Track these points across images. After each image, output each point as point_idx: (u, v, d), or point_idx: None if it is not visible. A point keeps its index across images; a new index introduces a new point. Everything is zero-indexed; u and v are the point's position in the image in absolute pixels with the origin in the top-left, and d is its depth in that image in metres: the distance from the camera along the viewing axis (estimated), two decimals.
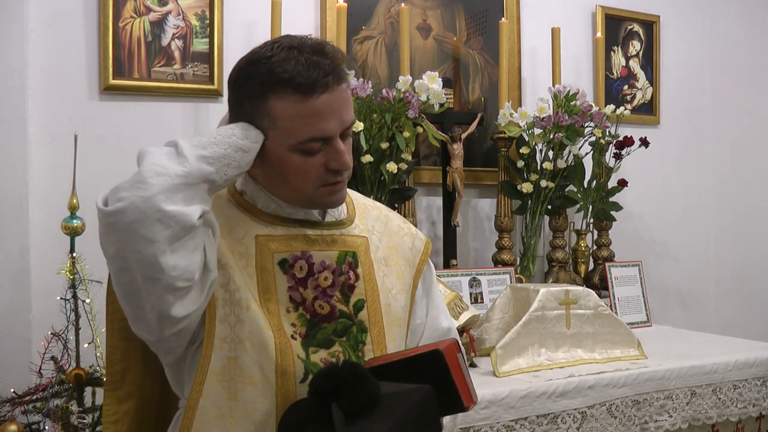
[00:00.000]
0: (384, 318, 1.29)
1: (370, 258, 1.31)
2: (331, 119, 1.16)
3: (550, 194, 2.86)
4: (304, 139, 1.16)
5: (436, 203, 2.90)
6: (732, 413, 2.29)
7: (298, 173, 1.19)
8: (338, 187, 1.23)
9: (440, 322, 1.43)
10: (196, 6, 2.48)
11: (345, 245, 1.28)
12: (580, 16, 3.30)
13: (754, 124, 3.60)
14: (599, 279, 3.01)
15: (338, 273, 1.25)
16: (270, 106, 1.16)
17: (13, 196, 2.18)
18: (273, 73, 1.15)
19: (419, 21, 2.90)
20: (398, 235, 1.39)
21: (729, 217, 3.66)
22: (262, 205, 1.26)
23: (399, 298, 1.33)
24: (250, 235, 1.23)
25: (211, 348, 1.16)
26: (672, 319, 3.38)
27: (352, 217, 1.34)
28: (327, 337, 1.22)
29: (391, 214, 1.44)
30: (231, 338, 1.17)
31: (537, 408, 1.93)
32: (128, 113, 2.36)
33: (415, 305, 1.39)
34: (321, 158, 1.18)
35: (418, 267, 1.40)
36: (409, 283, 1.37)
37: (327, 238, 1.27)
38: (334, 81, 1.16)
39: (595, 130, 2.89)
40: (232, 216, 1.25)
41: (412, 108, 2.47)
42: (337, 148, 1.18)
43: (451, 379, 1.12)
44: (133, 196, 1.03)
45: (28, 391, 1.92)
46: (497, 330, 2.30)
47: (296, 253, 1.23)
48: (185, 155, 1.08)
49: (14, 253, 2.16)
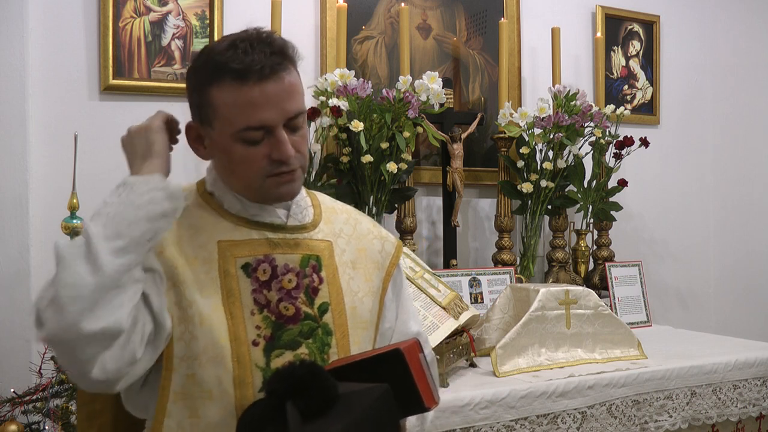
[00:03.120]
0: (349, 321, 1.28)
1: (335, 262, 1.31)
2: (269, 108, 1.16)
3: (550, 194, 2.86)
4: (241, 127, 1.16)
5: (436, 203, 2.90)
6: (732, 413, 2.29)
7: (243, 163, 1.19)
8: (285, 179, 1.22)
9: (409, 326, 1.43)
10: (196, 6, 2.48)
11: (308, 249, 1.28)
12: (580, 16, 3.30)
13: (754, 124, 3.60)
14: (599, 279, 3.01)
15: (302, 276, 1.25)
16: (212, 96, 1.18)
17: (13, 196, 2.18)
18: (212, 61, 1.17)
19: (419, 21, 2.90)
20: (367, 238, 1.39)
21: (729, 217, 3.66)
22: (228, 205, 1.26)
23: (366, 301, 1.33)
24: (212, 240, 1.23)
25: (171, 368, 1.16)
26: (672, 319, 3.38)
27: (317, 221, 1.33)
28: (293, 339, 1.22)
29: (361, 217, 1.44)
30: (188, 356, 1.16)
31: (537, 408, 1.93)
32: (128, 113, 2.36)
33: (385, 309, 1.39)
34: (264, 148, 1.19)
35: (387, 270, 1.40)
36: (378, 286, 1.37)
37: (290, 242, 1.27)
38: (271, 69, 1.16)
39: (595, 130, 2.89)
40: (196, 222, 1.24)
41: (412, 108, 2.47)
42: (278, 138, 1.18)
43: (411, 379, 1.11)
44: (53, 323, 1.03)
45: (28, 391, 1.92)
46: (497, 330, 2.30)
47: (259, 256, 1.23)
48: (98, 259, 1.04)
49: (14, 253, 2.16)
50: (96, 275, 1.03)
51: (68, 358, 1.06)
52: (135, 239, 1.08)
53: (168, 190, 1.13)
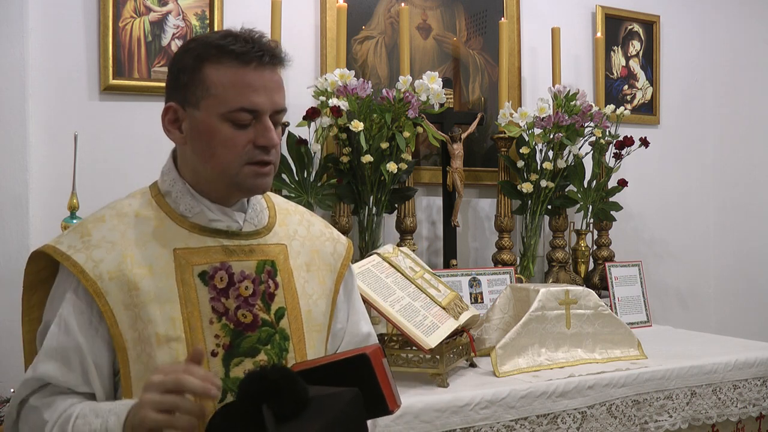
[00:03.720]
0: (304, 325, 1.30)
1: (290, 265, 1.31)
2: (263, 94, 1.20)
3: (550, 194, 2.86)
4: (235, 107, 1.18)
5: (436, 203, 2.90)
6: (732, 413, 2.29)
7: (226, 145, 1.20)
8: (263, 171, 1.23)
9: (360, 327, 1.44)
10: (196, 6, 2.48)
11: (263, 254, 1.28)
12: (580, 16, 3.30)
13: (754, 124, 3.60)
14: (599, 279, 3.01)
15: (258, 282, 1.26)
16: (205, 74, 1.19)
17: (13, 196, 2.18)
18: (211, 44, 1.21)
19: (419, 21, 2.90)
20: (320, 240, 1.40)
21: (729, 217, 3.66)
22: (185, 208, 1.26)
23: (320, 304, 1.34)
24: (168, 248, 1.22)
25: (131, 391, 1.16)
26: (672, 319, 3.38)
27: (272, 224, 1.34)
28: (252, 346, 1.22)
29: (313, 218, 1.45)
30: (146, 376, 1.13)
31: (537, 408, 1.93)
32: (128, 113, 2.36)
33: (337, 310, 1.40)
34: (250, 133, 1.20)
35: (339, 271, 1.41)
36: (330, 288, 1.38)
37: (245, 248, 1.27)
38: (269, 60, 1.21)
39: (595, 130, 2.89)
40: (146, 230, 1.23)
41: (412, 108, 2.47)
42: (265, 125, 1.21)
43: (377, 383, 1.13)
44: None
45: None
46: (497, 330, 2.30)
47: (215, 264, 1.23)
48: None
49: (14, 253, 2.16)
50: None
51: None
52: None
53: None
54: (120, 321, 1.17)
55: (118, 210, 1.26)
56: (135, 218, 1.24)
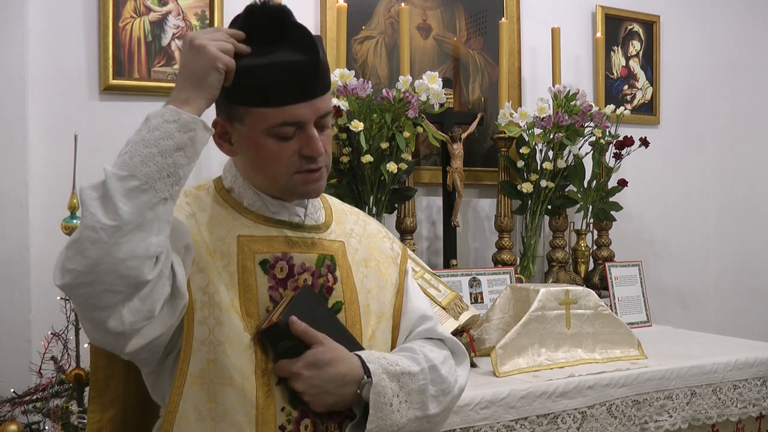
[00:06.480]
0: (362, 319, 1.31)
1: (348, 261, 1.33)
2: (304, 105, 1.19)
3: (550, 194, 2.86)
4: (277, 122, 1.18)
5: (436, 203, 2.90)
6: (732, 413, 2.29)
7: (272, 159, 1.20)
8: (313, 177, 1.24)
9: (420, 306, 1.44)
10: (196, 6, 2.48)
11: (324, 249, 1.30)
12: (580, 16, 3.30)
13: (753, 124, 3.60)
14: (599, 279, 3.01)
15: (317, 275, 1.27)
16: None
17: (13, 196, 2.18)
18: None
19: (419, 21, 2.90)
20: (377, 237, 1.44)
21: (729, 217, 3.66)
22: (248, 203, 1.28)
23: (381, 296, 1.35)
24: (232, 234, 1.24)
25: (190, 351, 1.16)
26: (672, 319, 3.38)
27: (329, 222, 1.36)
28: None
29: (368, 219, 1.48)
30: (210, 340, 1.16)
31: (537, 408, 1.93)
32: (128, 113, 2.36)
33: (405, 298, 1.41)
34: (295, 144, 1.20)
35: (401, 267, 1.44)
36: (395, 279, 1.40)
37: (307, 241, 1.29)
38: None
39: (595, 130, 2.89)
40: (216, 215, 1.26)
41: (412, 108, 2.47)
42: (310, 135, 1.20)
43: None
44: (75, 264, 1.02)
45: (28, 391, 1.92)
46: (497, 330, 2.30)
47: (277, 254, 1.25)
48: (113, 201, 1.02)
49: (14, 253, 2.16)
50: (112, 218, 1.01)
51: (87, 306, 1.05)
52: (150, 177, 1.04)
53: (181, 122, 1.07)
54: (192, 281, 1.18)
55: (186, 192, 1.28)
56: (203, 202, 1.26)
